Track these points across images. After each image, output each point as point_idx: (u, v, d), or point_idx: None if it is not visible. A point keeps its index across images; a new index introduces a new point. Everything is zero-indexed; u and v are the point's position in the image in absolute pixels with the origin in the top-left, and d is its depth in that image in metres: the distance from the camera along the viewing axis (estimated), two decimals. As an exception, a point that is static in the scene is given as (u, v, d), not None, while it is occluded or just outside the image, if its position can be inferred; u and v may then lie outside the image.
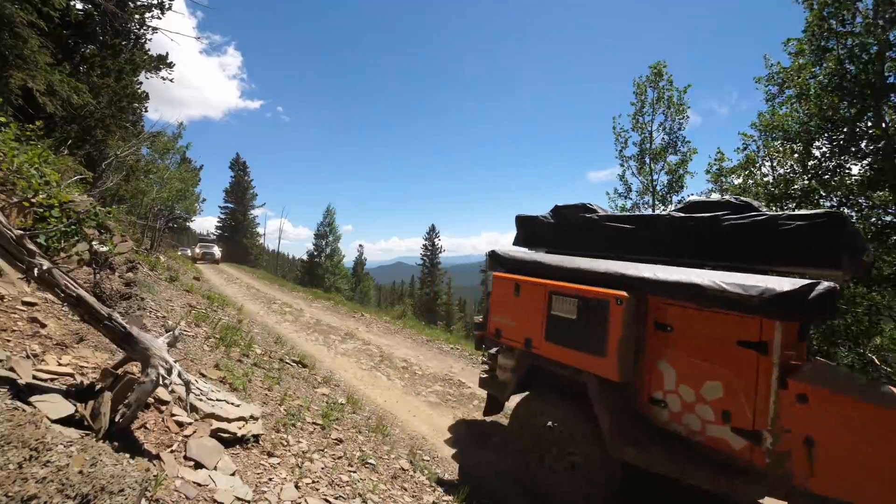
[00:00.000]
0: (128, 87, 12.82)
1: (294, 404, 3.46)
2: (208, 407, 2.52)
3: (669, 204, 15.31)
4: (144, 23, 12.98)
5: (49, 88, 8.33)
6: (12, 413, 1.54)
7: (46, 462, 1.40)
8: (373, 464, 2.94)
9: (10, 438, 1.39)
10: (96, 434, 1.84)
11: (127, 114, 13.25)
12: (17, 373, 1.99)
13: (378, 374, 5.65)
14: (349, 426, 3.46)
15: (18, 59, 7.79)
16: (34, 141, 4.59)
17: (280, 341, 6.12)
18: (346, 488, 2.50)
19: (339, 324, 9.18)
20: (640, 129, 15.71)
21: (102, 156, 12.03)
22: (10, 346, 2.38)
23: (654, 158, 15.44)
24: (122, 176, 11.84)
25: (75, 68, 11.24)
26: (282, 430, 2.89)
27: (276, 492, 2.18)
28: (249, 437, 2.54)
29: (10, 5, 7.35)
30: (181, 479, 1.90)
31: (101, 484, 1.43)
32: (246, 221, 43.64)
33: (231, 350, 4.35)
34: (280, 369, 4.39)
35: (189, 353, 3.65)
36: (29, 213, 3.75)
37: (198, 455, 2.13)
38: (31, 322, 2.75)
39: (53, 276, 2.04)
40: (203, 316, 5.41)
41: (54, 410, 1.84)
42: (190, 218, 21.70)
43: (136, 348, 2.09)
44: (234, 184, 43.64)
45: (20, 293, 3.05)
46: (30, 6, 8.00)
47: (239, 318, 6.65)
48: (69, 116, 10.46)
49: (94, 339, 2.91)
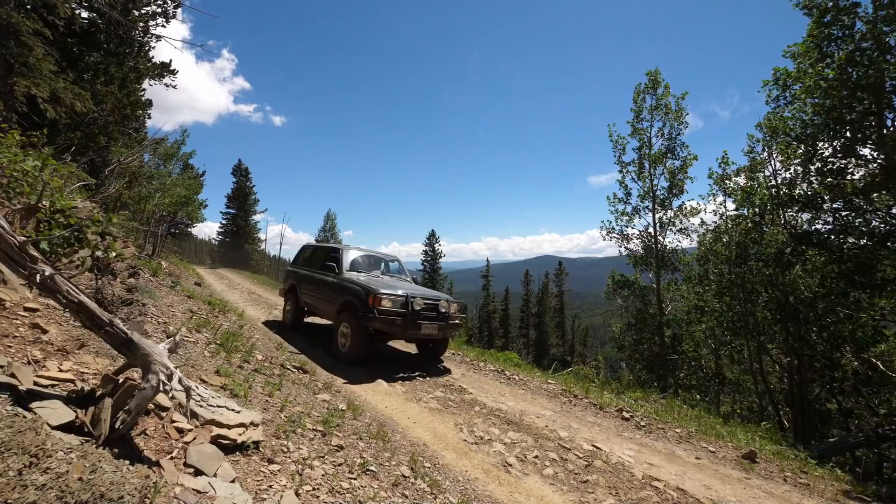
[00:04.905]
0: (131, 95, 12.93)
1: (295, 410, 3.45)
2: (209, 413, 2.52)
3: (669, 209, 15.33)
4: (148, 31, 13.12)
5: (53, 96, 8.41)
6: (13, 419, 1.54)
7: (46, 469, 1.39)
8: (373, 471, 2.93)
9: (10, 445, 1.39)
10: (96, 440, 1.83)
11: (130, 121, 13.36)
12: (18, 379, 2.00)
13: (379, 380, 5.63)
14: (350, 432, 3.45)
15: (23, 66, 7.88)
16: (38, 148, 4.62)
17: (281, 347, 6.12)
18: (347, 495, 2.48)
19: (341, 329, 9.17)
20: (639, 135, 15.77)
21: (105, 162, 12.11)
22: (12, 351, 2.39)
23: (654, 163, 15.47)
24: (125, 182, 11.91)
25: (79, 76, 11.35)
26: (282, 436, 2.88)
27: (275, 499, 2.16)
28: (250, 444, 2.53)
29: (16, 14, 7.44)
30: (181, 487, 1.89)
31: (101, 491, 1.42)
32: (248, 227, 43.74)
33: (232, 356, 4.35)
34: (281, 375, 4.38)
35: (190, 359, 3.65)
36: (31, 220, 3.77)
37: (198, 462, 2.12)
38: (32, 328, 2.76)
39: (55, 282, 2.04)
40: (204, 322, 5.41)
41: (55, 417, 1.84)
42: (192, 224, 21.80)
43: (136, 354, 2.09)
44: (236, 189, 43.79)
45: (22, 299, 3.05)
46: (35, 15, 8.10)
47: (240, 324, 6.65)
48: (73, 123, 10.55)
49: (95, 345, 2.91)
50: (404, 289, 6.32)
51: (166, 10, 12.96)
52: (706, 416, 6.75)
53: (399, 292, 6.03)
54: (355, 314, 5.96)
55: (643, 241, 15.91)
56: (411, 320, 5.91)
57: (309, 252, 8.82)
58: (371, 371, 5.89)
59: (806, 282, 11.07)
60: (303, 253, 9.10)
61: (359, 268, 7.40)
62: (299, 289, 8.02)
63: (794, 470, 4.62)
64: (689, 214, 15.06)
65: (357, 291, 6.16)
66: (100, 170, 11.81)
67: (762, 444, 5.35)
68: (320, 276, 7.38)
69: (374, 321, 5.69)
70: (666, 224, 15.36)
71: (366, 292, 5.95)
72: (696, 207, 14.96)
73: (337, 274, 6.97)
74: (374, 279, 6.88)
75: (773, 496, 3.90)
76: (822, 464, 5.06)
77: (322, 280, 7.27)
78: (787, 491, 4.09)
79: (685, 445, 4.88)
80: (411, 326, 5.91)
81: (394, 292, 5.98)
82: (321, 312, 7.34)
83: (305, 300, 7.80)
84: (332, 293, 6.79)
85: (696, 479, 3.98)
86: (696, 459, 4.50)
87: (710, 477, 4.10)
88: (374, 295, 5.78)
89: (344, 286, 6.55)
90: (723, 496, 3.72)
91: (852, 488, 4.42)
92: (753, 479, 4.24)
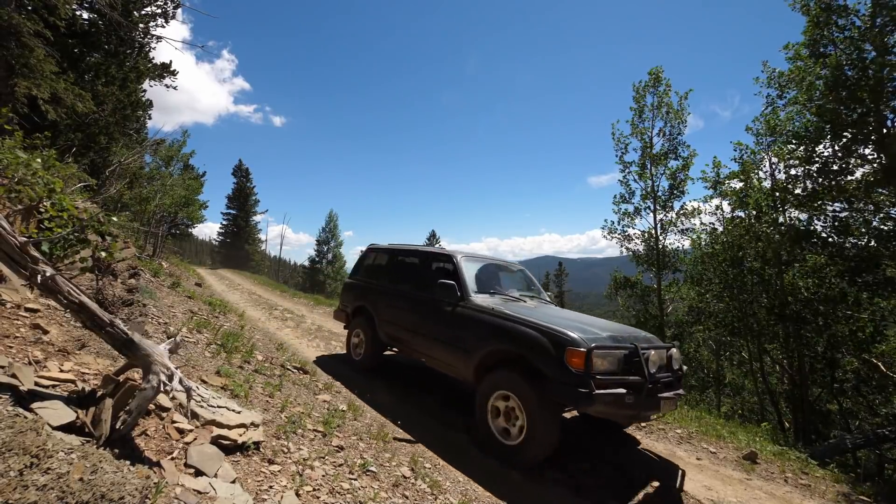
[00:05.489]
0: (132, 95, 12.96)
1: (295, 411, 3.45)
2: (209, 414, 2.52)
3: (671, 210, 15.32)
4: (149, 31, 13.15)
5: (54, 97, 8.43)
6: (14, 420, 1.54)
7: (47, 469, 1.39)
8: (374, 471, 2.93)
9: (11, 445, 1.39)
10: (97, 441, 1.83)
11: (131, 121, 13.39)
12: (19, 379, 2.00)
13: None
14: (350, 433, 3.45)
15: (24, 68, 7.90)
16: (39, 150, 4.64)
17: (281, 347, 6.11)
18: (348, 496, 2.48)
19: (341, 330, 9.16)
20: (640, 134, 15.73)
21: (106, 163, 12.14)
22: (13, 352, 2.39)
23: (655, 163, 15.43)
24: (126, 183, 11.93)
25: (80, 76, 11.37)
26: (282, 437, 2.88)
27: (276, 499, 2.17)
28: (250, 445, 2.53)
29: (17, 15, 7.46)
30: (181, 487, 1.89)
31: (102, 491, 1.43)
32: (248, 228, 43.80)
33: (232, 356, 4.35)
34: (281, 376, 4.38)
35: (190, 360, 3.65)
36: (32, 220, 3.78)
37: (198, 462, 2.12)
38: (33, 328, 2.76)
39: (56, 282, 2.05)
40: (204, 322, 5.42)
41: (55, 417, 1.84)
42: (192, 225, 21.83)
43: (137, 355, 2.09)
44: (237, 190, 43.84)
45: (23, 300, 3.06)
46: (36, 16, 8.12)
47: (240, 325, 6.65)
48: (74, 124, 10.57)
49: (96, 346, 2.92)
50: (606, 329, 3.73)
51: (166, 10, 13.00)
52: (707, 416, 6.76)
53: (607, 337, 3.49)
54: (532, 382, 3.39)
55: (645, 241, 15.91)
56: (649, 394, 3.30)
57: (386, 259, 6.03)
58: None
59: (805, 282, 11.07)
60: (371, 259, 6.34)
61: (485, 287, 4.73)
62: (376, 314, 5.53)
63: (795, 471, 4.62)
64: (690, 215, 15.06)
65: (528, 338, 3.51)
66: (100, 170, 11.83)
67: (763, 444, 5.35)
68: (423, 300, 4.86)
69: (582, 400, 3.10)
70: (667, 225, 15.35)
71: (553, 341, 3.34)
72: (697, 208, 14.96)
73: (460, 299, 4.35)
74: (528, 308, 4.21)
75: (774, 497, 3.89)
76: (822, 465, 5.05)
77: (428, 307, 4.72)
78: (787, 492, 4.08)
79: (686, 446, 4.88)
80: (648, 405, 3.34)
81: (610, 342, 3.42)
82: (433, 360, 4.63)
83: (389, 332, 5.28)
84: (458, 332, 4.21)
85: (697, 480, 3.98)
86: (697, 460, 4.50)
87: (711, 478, 4.10)
88: (577, 347, 3.19)
89: (487, 323, 3.95)
90: (724, 497, 3.72)
91: (853, 489, 4.42)
92: (754, 479, 4.24)
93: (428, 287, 4.82)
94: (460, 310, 4.29)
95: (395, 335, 5.21)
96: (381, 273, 5.94)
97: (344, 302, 6.41)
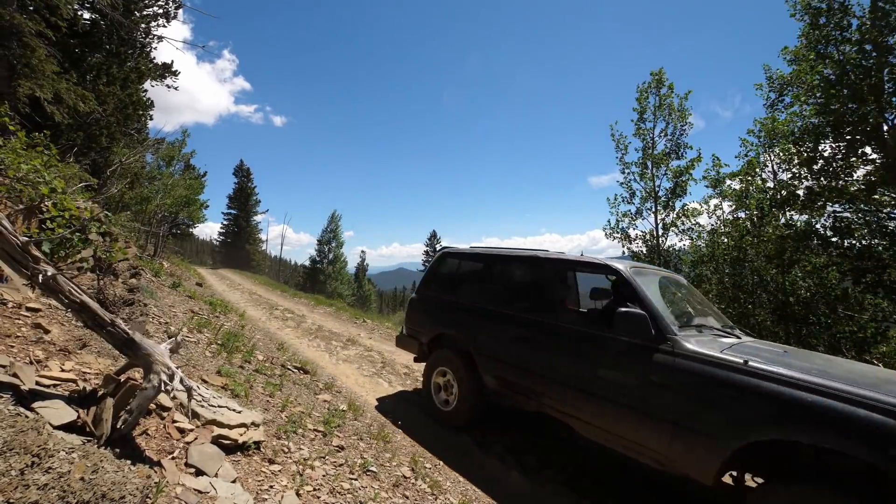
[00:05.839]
0: (133, 95, 12.97)
1: (295, 411, 3.45)
2: (210, 413, 2.52)
3: (672, 211, 15.31)
4: (150, 31, 13.17)
5: (56, 97, 8.44)
6: (15, 419, 1.54)
7: (48, 468, 1.40)
8: (374, 471, 2.93)
9: (12, 445, 1.40)
10: (98, 440, 1.84)
11: (132, 121, 13.40)
12: (20, 379, 2.00)
13: (380, 381, 5.63)
14: (351, 433, 3.45)
15: (26, 68, 7.91)
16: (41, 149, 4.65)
17: (282, 347, 6.12)
18: (348, 496, 2.48)
19: (341, 330, 9.17)
20: (642, 135, 15.73)
21: (107, 163, 12.15)
22: (14, 351, 2.39)
23: (657, 164, 15.43)
24: (127, 183, 11.94)
25: (82, 76, 11.39)
26: (283, 436, 2.88)
27: (276, 499, 2.17)
28: (250, 444, 2.53)
29: (18, 15, 7.47)
30: (182, 487, 1.90)
31: (102, 491, 1.43)
32: (249, 228, 43.85)
33: (233, 356, 4.36)
34: (282, 375, 4.39)
35: (191, 360, 3.65)
36: (34, 220, 3.79)
37: (199, 462, 2.12)
38: (34, 328, 2.77)
39: (58, 282, 2.05)
40: (205, 322, 5.42)
41: (56, 416, 1.84)
42: (193, 225, 21.86)
43: (138, 354, 2.10)
44: (238, 190, 43.90)
45: (24, 299, 3.06)
46: (38, 16, 8.14)
47: (241, 324, 6.66)
48: (75, 124, 10.58)
49: (97, 345, 2.92)
50: None
51: (167, 10, 13.01)
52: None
53: None
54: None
55: (646, 242, 15.91)
56: None
57: (481, 266, 4.43)
58: None
59: (806, 282, 11.06)
60: (453, 267, 4.70)
61: (682, 317, 3.21)
62: (474, 348, 3.96)
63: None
64: (691, 215, 15.05)
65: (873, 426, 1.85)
66: (102, 170, 11.85)
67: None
68: (567, 333, 3.28)
69: None
70: (668, 226, 15.35)
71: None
72: (698, 209, 14.95)
73: (657, 340, 2.72)
74: (803, 362, 2.53)
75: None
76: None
77: (587, 345, 3.12)
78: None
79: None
80: None
81: None
82: (599, 431, 2.95)
83: (504, 377, 3.69)
84: (665, 398, 2.57)
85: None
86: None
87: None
88: None
89: (747, 389, 2.26)
90: (724, 498, 3.71)
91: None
92: (755, 480, 4.23)
93: (554, 310, 3.54)
94: (664, 358, 2.65)
95: (516, 382, 3.58)
96: (473, 288, 4.35)
97: (414, 325, 4.81)
